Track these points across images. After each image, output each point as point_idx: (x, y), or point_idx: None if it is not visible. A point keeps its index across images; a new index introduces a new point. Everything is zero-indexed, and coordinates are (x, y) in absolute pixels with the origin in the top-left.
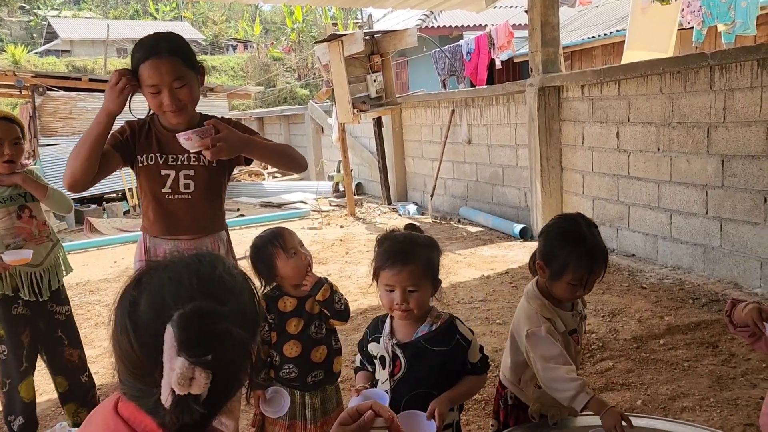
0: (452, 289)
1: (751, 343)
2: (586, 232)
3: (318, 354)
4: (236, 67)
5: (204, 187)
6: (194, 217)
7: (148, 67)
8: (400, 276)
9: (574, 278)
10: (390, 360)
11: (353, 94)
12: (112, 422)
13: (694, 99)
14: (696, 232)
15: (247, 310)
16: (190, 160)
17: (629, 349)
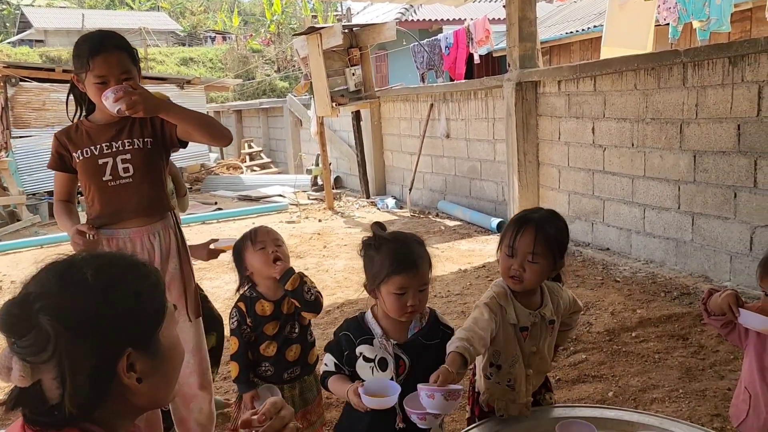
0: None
1: (725, 333)
2: (535, 211)
3: (292, 353)
4: (214, 59)
5: (143, 169)
6: (139, 200)
7: (99, 59)
8: (415, 278)
9: (505, 245)
10: (393, 361)
11: (332, 88)
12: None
13: (667, 95)
14: (668, 226)
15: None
16: (125, 145)
17: (602, 341)
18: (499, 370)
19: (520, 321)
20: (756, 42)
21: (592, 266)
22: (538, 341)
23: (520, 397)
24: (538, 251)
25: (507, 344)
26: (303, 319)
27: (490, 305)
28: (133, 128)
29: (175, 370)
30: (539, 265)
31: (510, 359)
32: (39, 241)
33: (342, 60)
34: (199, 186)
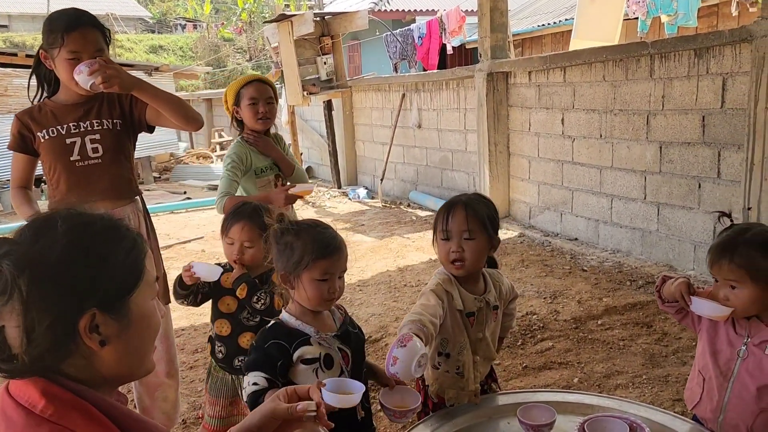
0: (400, 272)
1: (679, 319)
2: (461, 197)
3: (246, 340)
4: (185, 47)
5: (112, 150)
6: (109, 181)
7: (75, 35)
8: (339, 263)
9: (440, 228)
10: (338, 355)
11: (303, 76)
12: (1, 400)
13: (635, 87)
14: (635, 216)
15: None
16: (93, 125)
17: (568, 329)
18: (448, 359)
19: (466, 307)
20: (721, 34)
21: (561, 256)
22: (484, 327)
23: (468, 385)
24: (472, 227)
25: (454, 331)
26: None
27: (436, 291)
28: (101, 109)
29: (145, 343)
30: (476, 241)
31: (458, 346)
32: (1, 230)
33: (313, 48)
34: (168, 175)
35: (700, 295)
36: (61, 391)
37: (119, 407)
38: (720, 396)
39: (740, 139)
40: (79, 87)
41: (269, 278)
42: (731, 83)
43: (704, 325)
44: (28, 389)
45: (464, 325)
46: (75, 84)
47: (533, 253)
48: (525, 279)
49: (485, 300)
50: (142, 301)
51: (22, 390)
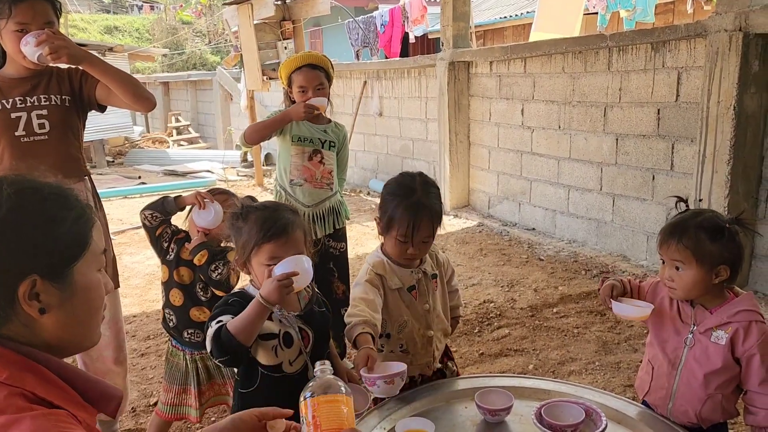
0: (359, 259)
1: None
2: (417, 188)
3: (196, 313)
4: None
5: (60, 126)
6: (55, 159)
7: (23, 6)
8: (287, 246)
9: (399, 233)
10: (297, 335)
11: (263, 61)
12: None
13: (593, 79)
14: (591, 207)
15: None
16: (41, 101)
17: (525, 317)
18: (389, 339)
19: (404, 283)
20: (677, 29)
21: (518, 245)
22: (428, 297)
23: (418, 359)
24: (434, 233)
25: (392, 311)
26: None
27: (371, 281)
28: (50, 84)
29: (89, 315)
30: (431, 241)
31: (398, 325)
32: None
33: (274, 33)
34: (122, 160)
35: (624, 298)
36: (12, 353)
37: (70, 367)
38: (669, 384)
39: (693, 132)
40: (26, 60)
41: (226, 255)
42: (686, 77)
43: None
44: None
45: (406, 301)
46: (22, 57)
47: (491, 242)
48: (483, 268)
49: (422, 270)
50: (87, 271)
51: None
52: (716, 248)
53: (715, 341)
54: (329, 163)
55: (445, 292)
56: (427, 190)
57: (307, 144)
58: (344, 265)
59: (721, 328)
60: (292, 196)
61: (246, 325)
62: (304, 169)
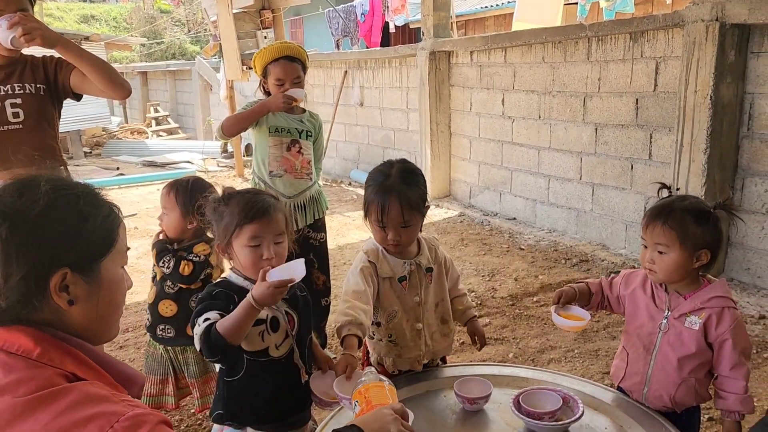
0: (340, 250)
1: (609, 310)
2: (391, 174)
3: (165, 308)
4: (119, 18)
5: (35, 115)
6: (31, 147)
7: None
8: (269, 226)
9: (375, 217)
10: (284, 318)
11: (242, 50)
12: None
13: (573, 69)
14: (570, 196)
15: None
16: (15, 89)
17: (505, 306)
18: (379, 327)
19: (395, 272)
20: (655, 19)
21: (499, 235)
22: (420, 290)
23: (406, 351)
24: (408, 217)
25: (383, 299)
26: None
27: (364, 271)
28: (24, 73)
29: (112, 309)
30: (413, 227)
31: (387, 314)
32: None
33: (253, 22)
34: (100, 150)
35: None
36: (51, 338)
37: (97, 351)
38: (644, 369)
39: (671, 122)
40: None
41: (191, 249)
42: (664, 67)
43: (626, 301)
44: (17, 338)
45: (397, 291)
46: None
47: (473, 232)
48: (464, 257)
49: (416, 263)
50: (113, 266)
51: (9, 339)
52: (700, 232)
53: (689, 326)
54: (307, 153)
55: (443, 290)
56: (403, 176)
57: (284, 134)
58: (324, 256)
59: (695, 313)
60: (272, 187)
61: (236, 326)
62: (283, 160)
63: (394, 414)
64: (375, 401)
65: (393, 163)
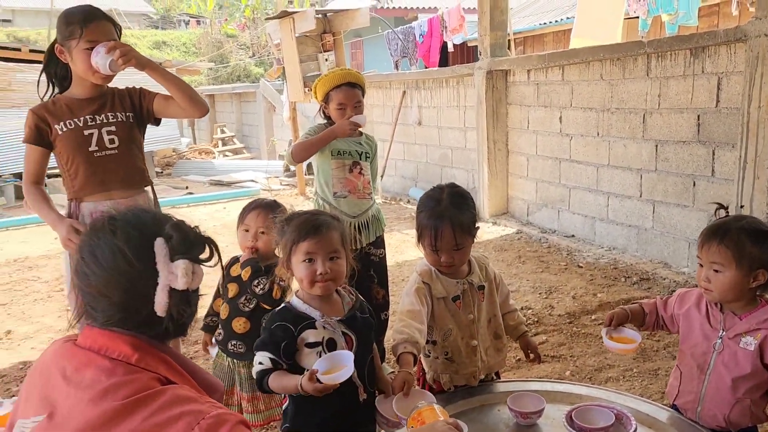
0: (398, 266)
1: (668, 330)
2: (442, 199)
3: (239, 325)
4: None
5: (127, 140)
6: (125, 171)
7: (92, 26)
8: (322, 243)
9: (427, 242)
10: (342, 339)
11: (305, 73)
12: (82, 355)
13: (631, 85)
14: (631, 214)
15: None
16: (109, 118)
17: (562, 324)
18: (435, 345)
19: (449, 292)
20: (716, 34)
21: (557, 252)
22: (473, 308)
23: (462, 368)
24: (460, 241)
25: (438, 319)
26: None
27: (418, 292)
28: (114, 102)
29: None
30: (465, 249)
31: (443, 332)
32: (4, 223)
33: (315, 45)
34: (170, 170)
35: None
36: (146, 345)
37: (184, 359)
38: (697, 388)
39: (734, 137)
40: (95, 76)
41: (274, 270)
42: (726, 83)
43: (680, 320)
44: (117, 345)
45: (450, 311)
46: (92, 73)
47: (530, 249)
48: (521, 275)
49: (468, 282)
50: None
51: (111, 346)
52: (757, 251)
53: (744, 347)
54: (367, 173)
55: (494, 306)
56: (454, 201)
57: (346, 157)
58: (383, 271)
59: (750, 334)
60: (337, 208)
61: (283, 390)
62: (346, 182)
63: (448, 425)
64: (428, 422)
65: (443, 188)
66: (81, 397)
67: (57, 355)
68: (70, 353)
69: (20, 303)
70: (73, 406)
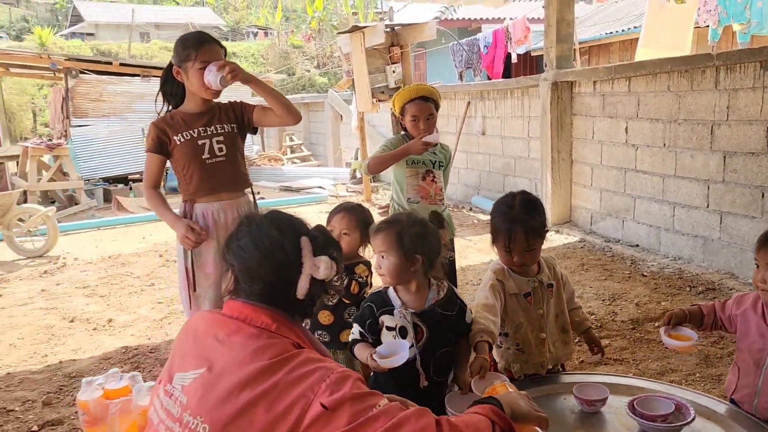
0: (462, 271)
1: (726, 330)
2: (515, 205)
3: (324, 317)
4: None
5: (232, 149)
6: (231, 175)
7: (205, 48)
8: (374, 243)
9: (502, 244)
10: (411, 329)
11: (373, 84)
12: (231, 323)
13: (699, 97)
14: (697, 224)
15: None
16: (217, 129)
17: (626, 329)
18: (507, 337)
19: (521, 289)
20: None
21: (621, 261)
22: (543, 304)
23: (532, 358)
24: (531, 243)
25: (510, 313)
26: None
27: (493, 288)
28: (221, 116)
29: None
30: (536, 249)
31: (514, 325)
32: (96, 223)
33: (383, 58)
34: None
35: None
36: (282, 317)
37: (308, 331)
38: (754, 382)
39: None
40: (207, 92)
41: (353, 268)
42: None
43: (738, 321)
44: (259, 316)
45: (522, 305)
46: (205, 89)
47: (593, 257)
48: (584, 282)
49: (538, 280)
50: None
51: (255, 317)
52: None
53: None
54: (439, 181)
55: (562, 302)
56: (525, 206)
57: (420, 166)
58: (453, 274)
59: None
60: None
61: (361, 359)
62: (419, 188)
63: (522, 393)
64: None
65: (515, 194)
66: (234, 356)
67: (206, 323)
68: (220, 321)
69: (117, 295)
70: (228, 362)
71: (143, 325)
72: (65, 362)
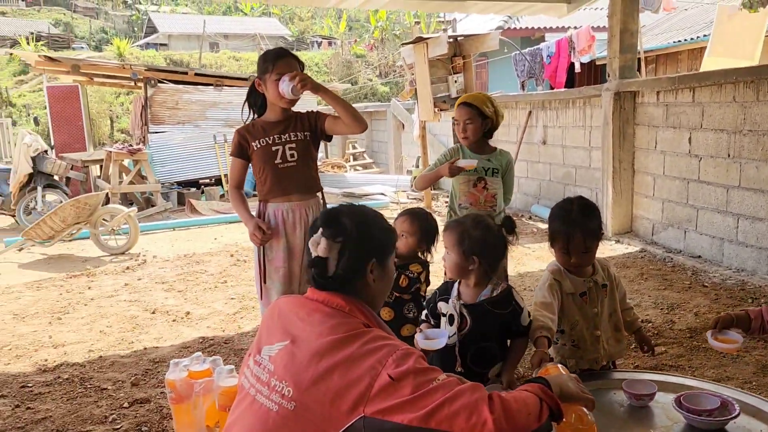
0: (520, 278)
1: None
2: (573, 209)
3: (384, 314)
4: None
5: (303, 155)
6: (302, 179)
7: (282, 61)
8: (443, 236)
9: (560, 245)
10: (458, 318)
11: (435, 94)
12: (311, 304)
13: (765, 108)
14: (762, 236)
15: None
16: (290, 137)
17: (683, 338)
18: (563, 334)
19: (577, 289)
20: None
21: (682, 271)
22: (597, 303)
23: (587, 354)
24: (588, 245)
25: (566, 311)
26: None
27: (551, 287)
28: (296, 124)
29: (386, 289)
30: (592, 251)
31: (570, 323)
32: (171, 224)
33: (445, 68)
34: None
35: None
36: (354, 301)
37: (375, 314)
38: None
39: None
40: (282, 101)
41: (408, 266)
42: None
43: None
44: (334, 299)
45: (577, 305)
46: (280, 98)
47: (653, 267)
48: (643, 291)
49: (593, 280)
50: (390, 263)
51: (330, 300)
52: None
53: None
54: (493, 188)
55: (615, 302)
56: (583, 211)
57: (471, 173)
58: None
59: None
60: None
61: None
62: (469, 195)
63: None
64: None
65: (573, 200)
66: (314, 330)
67: (290, 304)
68: (302, 303)
69: (193, 291)
70: (309, 335)
71: (218, 318)
72: (149, 349)
